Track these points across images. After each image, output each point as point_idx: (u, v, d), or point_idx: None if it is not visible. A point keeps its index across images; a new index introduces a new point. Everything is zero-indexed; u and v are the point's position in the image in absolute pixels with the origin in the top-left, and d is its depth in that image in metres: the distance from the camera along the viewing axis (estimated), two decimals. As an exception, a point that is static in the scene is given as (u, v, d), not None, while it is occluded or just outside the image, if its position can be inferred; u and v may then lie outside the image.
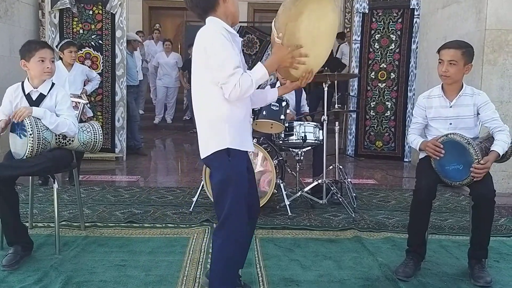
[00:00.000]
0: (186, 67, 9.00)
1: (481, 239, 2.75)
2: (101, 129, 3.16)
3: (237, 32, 10.12)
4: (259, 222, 3.52)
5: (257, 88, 2.12)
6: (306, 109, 4.79)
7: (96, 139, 3.10)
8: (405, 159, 6.51)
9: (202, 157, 2.14)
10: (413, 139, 2.95)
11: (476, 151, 2.62)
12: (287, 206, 3.68)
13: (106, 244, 3.10)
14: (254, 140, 3.66)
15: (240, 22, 10.13)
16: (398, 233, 3.38)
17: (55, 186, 2.91)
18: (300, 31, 2.02)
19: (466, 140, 2.66)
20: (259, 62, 2.04)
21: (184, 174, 5.79)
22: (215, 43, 1.97)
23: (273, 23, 2.04)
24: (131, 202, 4.09)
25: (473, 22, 4.87)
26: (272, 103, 3.74)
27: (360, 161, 6.60)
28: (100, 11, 6.03)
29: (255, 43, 9.48)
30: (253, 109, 3.66)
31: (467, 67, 2.80)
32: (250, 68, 2.16)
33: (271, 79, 7.08)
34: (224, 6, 2.06)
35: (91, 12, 6.01)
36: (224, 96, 2.00)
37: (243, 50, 8.30)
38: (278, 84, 4.59)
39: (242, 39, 2.23)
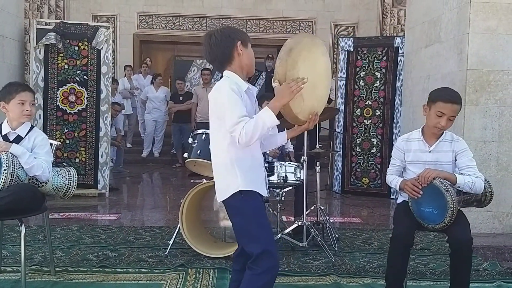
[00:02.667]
0: (173, 99, 8.98)
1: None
2: (76, 176, 3.10)
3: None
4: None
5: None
6: (290, 147, 4.75)
7: (70, 185, 3.04)
8: (391, 196, 6.45)
9: (219, 200, 2.25)
10: (392, 179, 2.94)
11: (453, 199, 2.58)
12: (265, 250, 3.58)
13: (75, 291, 2.99)
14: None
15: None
16: (378, 278, 3.28)
17: (22, 230, 2.81)
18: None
19: (445, 187, 2.61)
20: (265, 107, 2.13)
21: (167, 211, 5.69)
22: (224, 96, 2.13)
23: (273, 79, 2.21)
24: (107, 244, 3.97)
25: (455, 62, 4.91)
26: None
27: (347, 197, 6.54)
28: (86, 47, 6.04)
29: (244, 77, 9.52)
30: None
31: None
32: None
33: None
34: (239, 60, 2.24)
35: (76, 48, 6.01)
36: (230, 143, 2.15)
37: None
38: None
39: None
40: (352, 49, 6.69)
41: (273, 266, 2.16)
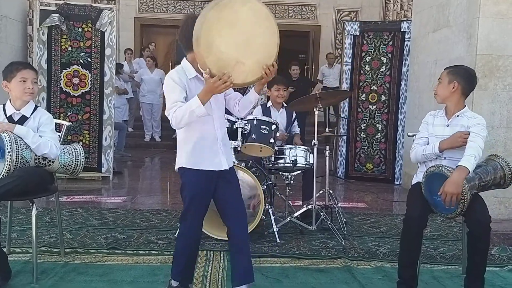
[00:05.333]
0: None
1: (477, 269, 2.67)
2: (83, 152, 3.06)
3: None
4: (246, 250, 3.42)
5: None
6: (296, 130, 4.72)
7: (78, 162, 2.99)
8: (395, 182, 6.46)
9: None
10: (424, 147, 2.90)
11: (464, 191, 2.55)
12: (276, 233, 3.57)
13: (86, 273, 2.97)
14: (242, 164, 3.56)
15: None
16: (389, 262, 3.28)
17: (34, 211, 2.79)
18: (223, 52, 2.18)
19: None
20: (196, 96, 2.29)
21: (171, 195, 5.68)
22: (167, 82, 2.42)
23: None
24: (115, 226, 3.96)
25: (464, 47, 4.87)
26: (262, 126, 3.67)
27: (350, 183, 6.53)
28: (90, 29, 5.95)
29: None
30: (242, 133, 3.60)
31: (452, 84, 2.83)
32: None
33: (261, 98, 7.09)
34: (194, 54, 2.31)
35: (80, 30, 5.93)
36: None
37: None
38: (269, 103, 4.54)
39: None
40: (358, 34, 6.62)
41: (189, 230, 2.57)
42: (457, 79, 2.83)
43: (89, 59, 5.96)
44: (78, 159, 3.00)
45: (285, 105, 4.54)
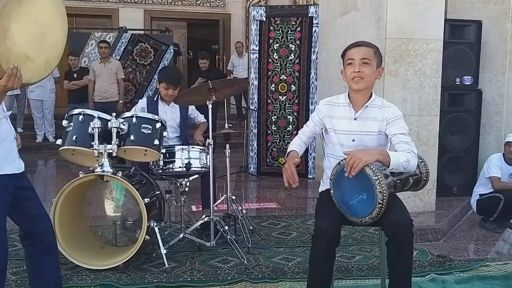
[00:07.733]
0: (67, 77, 7.97)
1: (401, 283, 2.23)
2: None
3: (129, 41, 8.99)
4: (125, 281, 2.78)
5: None
6: (200, 119, 4.08)
7: None
8: (309, 176, 6.10)
9: None
10: (292, 143, 2.55)
11: (374, 170, 2.10)
12: (164, 256, 2.93)
13: None
14: (119, 173, 2.89)
15: (135, 30, 9.34)
16: (299, 281, 2.79)
17: None
18: (17, 44, 1.86)
19: (376, 176, 2.10)
20: None
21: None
22: None
23: None
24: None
25: (373, 31, 4.53)
26: (143, 125, 3.01)
27: (263, 179, 6.07)
28: None
29: (149, 52, 8.70)
30: (118, 134, 2.94)
31: (379, 70, 2.37)
32: (144, 78, 2.10)
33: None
34: None
35: None
36: None
37: (136, 59, 7.58)
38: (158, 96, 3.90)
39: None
40: (264, 19, 6.14)
41: None
42: (381, 63, 2.38)
43: None
44: None
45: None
